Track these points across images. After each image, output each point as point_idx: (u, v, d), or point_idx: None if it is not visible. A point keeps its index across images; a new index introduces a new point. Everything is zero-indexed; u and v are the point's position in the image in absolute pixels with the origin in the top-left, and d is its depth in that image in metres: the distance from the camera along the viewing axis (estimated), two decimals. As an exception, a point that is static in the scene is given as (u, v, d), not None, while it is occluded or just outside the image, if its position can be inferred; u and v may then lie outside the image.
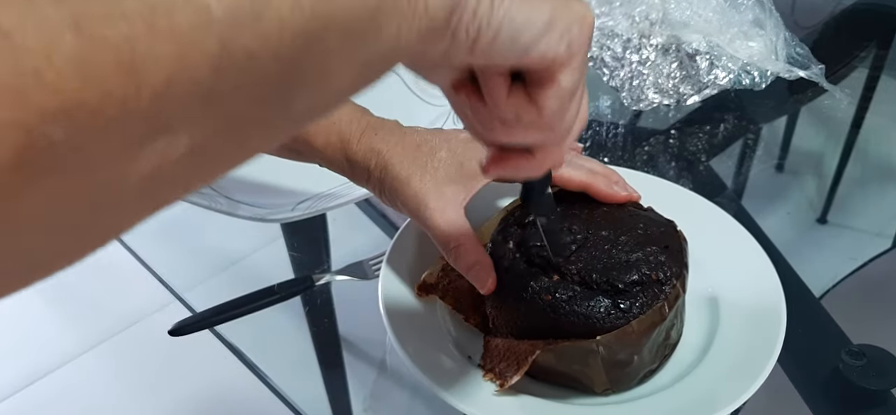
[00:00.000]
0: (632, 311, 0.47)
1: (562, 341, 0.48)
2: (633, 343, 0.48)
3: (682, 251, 0.51)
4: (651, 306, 0.48)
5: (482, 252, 0.52)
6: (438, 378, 0.49)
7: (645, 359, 0.50)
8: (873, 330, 0.63)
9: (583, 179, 0.54)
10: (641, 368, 0.50)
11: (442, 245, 0.53)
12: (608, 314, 0.47)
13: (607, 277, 0.48)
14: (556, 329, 0.48)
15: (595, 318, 0.47)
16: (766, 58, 0.82)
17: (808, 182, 0.86)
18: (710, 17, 0.82)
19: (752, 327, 0.53)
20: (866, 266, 0.72)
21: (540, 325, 0.49)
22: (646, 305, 0.48)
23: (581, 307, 0.48)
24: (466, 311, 0.55)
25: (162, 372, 1.51)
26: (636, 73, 0.84)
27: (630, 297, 0.48)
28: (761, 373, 0.49)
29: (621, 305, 0.47)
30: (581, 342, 0.47)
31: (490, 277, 0.51)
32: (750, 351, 0.51)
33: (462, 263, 0.52)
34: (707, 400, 0.48)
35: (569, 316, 0.48)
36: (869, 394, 0.57)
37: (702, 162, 0.82)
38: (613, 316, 0.47)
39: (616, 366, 0.48)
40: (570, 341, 0.47)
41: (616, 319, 0.47)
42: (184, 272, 0.72)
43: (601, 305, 0.48)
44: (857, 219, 0.79)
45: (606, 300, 0.48)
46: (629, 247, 0.50)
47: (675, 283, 0.49)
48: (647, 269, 0.49)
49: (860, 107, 0.92)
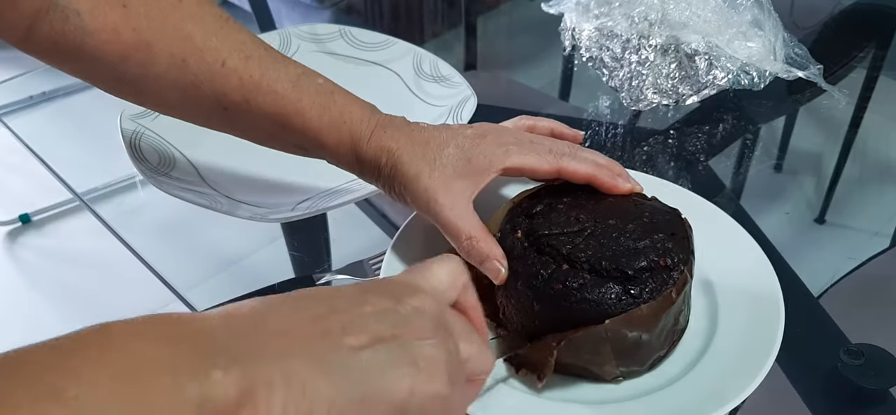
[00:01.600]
0: (642, 296, 0.48)
1: (571, 333, 0.48)
2: (642, 327, 0.48)
3: (688, 238, 0.52)
4: (661, 292, 0.48)
5: (494, 244, 0.53)
6: None
7: (654, 344, 0.50)
8: (872, 329, 0.63)
9: (588, 172, 0.55)
10: (651, 353, 0.51)
11: (454, 239, 0.53)
12: (619, 300, 0.48)
13: (617, 264, 0.49)
14: (567, 317, 0.49)
15: (606, 304, 0.48)
16: (765, 58, 0.82)
17: (807, 182, 0.86)
18: (709, 18, 0.82)
19: (751, 323, 0.53)
20: (864, 266, 0.72)
21: (551, 313, 0.49)
22: (655, 291, 0.48)
23: (592, 294, 0.48)
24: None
25: (161, 372, 1.51)
26: (635, 74, 0.84)
27: (640, 283, 0.48)
28: (762, 368, 0.49)
29: (632, 291, 0.48)
30: (590, 329, 0.48)
31: (503, 267, 0.52)
32: (750, 347, 0.51)
33: (476, 255, 0.53)
34: (709, 397, 0.49)
35: (580, 303, 0.48)
36: (867, 393, 0.57)
37: (701, 162, 0.83)
38: (624, 302, 0.48)
39: (626, 351, 0.49)
40: (581, 330, 0.48)
41: (627, 305, 0.48)
42: (184, 272, 0.72)
43: (612, 291, 0.48)
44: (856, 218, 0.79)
45: (617, 287, 0.48)
46: (637, 235, 0.50)
47: (682, 268, 0.50)
48: (655, 255, 0.49)
49: (858, 107, 0.93)
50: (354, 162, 0.56)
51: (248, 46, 0.55)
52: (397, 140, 0.54)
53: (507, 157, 0.54)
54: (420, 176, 0.53)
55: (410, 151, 0.54)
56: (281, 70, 0.55)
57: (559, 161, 0.55)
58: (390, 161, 0.54)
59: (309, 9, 1.55)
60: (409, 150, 0.54)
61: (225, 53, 0.54)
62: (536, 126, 0.62)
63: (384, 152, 0.54)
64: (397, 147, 0.54)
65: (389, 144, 0.54)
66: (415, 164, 0.53)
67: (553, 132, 0.61)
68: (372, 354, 0.32)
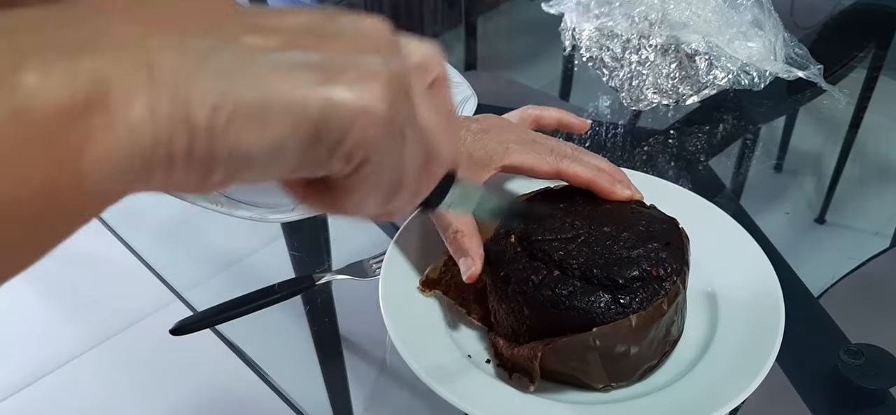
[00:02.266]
0: (631, 306, 0.48)
1: (559, 338, 0.48)
2: (630, 337, 0.48)
3: (684, 249, 0.52)
4: (651, 302, 0.48)
5: (478, 243, 0.53)
6: (438, 378, 0.49)
7: (644, 354, 0.50)
8: (872, 329, 0.63)
9: (589, 175, 0.55)
10: (641, 363, 0.50)
11: (443, 230, 0.55)
12: (608, 309, 0.48)
13: (608, 272, 0.48)
14: (557, 324, 0.48)
15: (595, 312, 0.48)
16: (765, 58, 0.82)
17: (807, 182, 0.86)
18: (710, 18, 0.82)
19: (751, 323, 0.53)
20: (865, 266, 0.72)
21: (540, 320, 0.49)
22: (646, 301, 0.48)
23: (581, 302, 0.48)
24: (469, 305, 0.56)
25: (163, 371, 1.51)
26: (635, 74, 0.84)
27: (630, 292, 0.48)
28: (762, 368, 0.49)
29: (621, 301, 0.48)
30: (577, 337, 0.47)
31: (474, 267, 0.52)
32: (750, 347, 0.51)
33: (456, 248, 0.53)
34: (710, 397, 0.48)
35: (569, 311, 0.48)
36: (867, 393, 0.57)
37: (701, 162, 0.83)
38: (613, 311, 0.48)
39: (614, 360, 0.49)
40: (567, 337, 0.48)
41: (615, 314, 0.47)
42: (185, 272, 0.72)
43: (601, 300, 0.48)
44: (856, 219, 0.79)
45: (606, 295, 0.48)
46: (631, 243, 0.50)
47: (675, 279, 0.49)
48: (647, 265, 0.49)
49: (858, 107, 0.93)
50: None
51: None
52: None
53: (507, 155, 0.54)
54: None
55: None
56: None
57: (560, 163, 0.55)
58: None
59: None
60: None
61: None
62: (543, 116, 0.62)
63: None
64: None
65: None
66: None
67: (561, 122, 0.61)
68: (278, 56, 0.25)
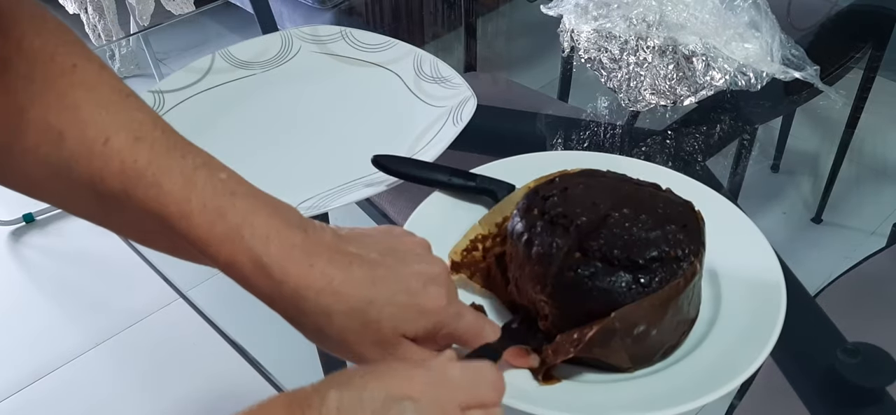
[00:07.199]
0: (651, 286, 0.49)
1: (586, 332, 0.49)
2: (650, 316, 0.49)
3: (700, 230, 0.53)
4: (669, 282, 0.49)
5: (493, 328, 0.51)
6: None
7: (664, 334, 0.51)
8: (868, 328, 0.63)
9: None
10: (662, 343, 0.51)
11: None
12: (629, 289, 0.49)
13: (628, 253, 0.50)
14: (579, 305, 0.50)
15: (616, 292, 0.49)
16: (762, 59, 0.83)
17: (804, 182, 0.87)
18: (707, 20, 0.83)
19: (754, 299, 0.54)
20: (861, 265, 0.73)
21: (562, 299, 0.51)
22: (664, 281, 0.49)
23: (602, 283, 0.49)
24: (497, 288, 0.57)
25: (165, 369, 1.52)
26: (633, 75, 0.85)
27: (649, 272, 0.49)
28: (769, 338, 0.50)
29: (641, 280, 0.49)
30: (603, 324, 0.48)
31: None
32: (756, 319, 0.52)
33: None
34: (724, 367, 0.50)
35: (591, 291, 0.49)
36: (864, 391, 0.58)
37: (698, 162, 0.83)
38: (634, 291, 0.49)
39: (635, 341, 0.50)
40: (595, 329, 0.48)
41: (636, 294, 0.49)
42: (186, 271, 0.73)
43: (622, 280, 0.49)
44: (852, 218, 0.80)
45: (627, 276, 0.49)
46: (649, 225, 0.51)
47: (692, 259, 0.51)
48: (666, 246, 0.50)
49: (855, 108, 0.93)
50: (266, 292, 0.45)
51: (143, 127, 0.43)
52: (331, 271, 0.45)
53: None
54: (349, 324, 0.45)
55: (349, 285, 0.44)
56: (175, 159, 0.43)
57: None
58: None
59: (310, 10, 1.55)
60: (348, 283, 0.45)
61: (111, 130, 0.42)
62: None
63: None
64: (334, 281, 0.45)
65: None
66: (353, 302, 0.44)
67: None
68: None
